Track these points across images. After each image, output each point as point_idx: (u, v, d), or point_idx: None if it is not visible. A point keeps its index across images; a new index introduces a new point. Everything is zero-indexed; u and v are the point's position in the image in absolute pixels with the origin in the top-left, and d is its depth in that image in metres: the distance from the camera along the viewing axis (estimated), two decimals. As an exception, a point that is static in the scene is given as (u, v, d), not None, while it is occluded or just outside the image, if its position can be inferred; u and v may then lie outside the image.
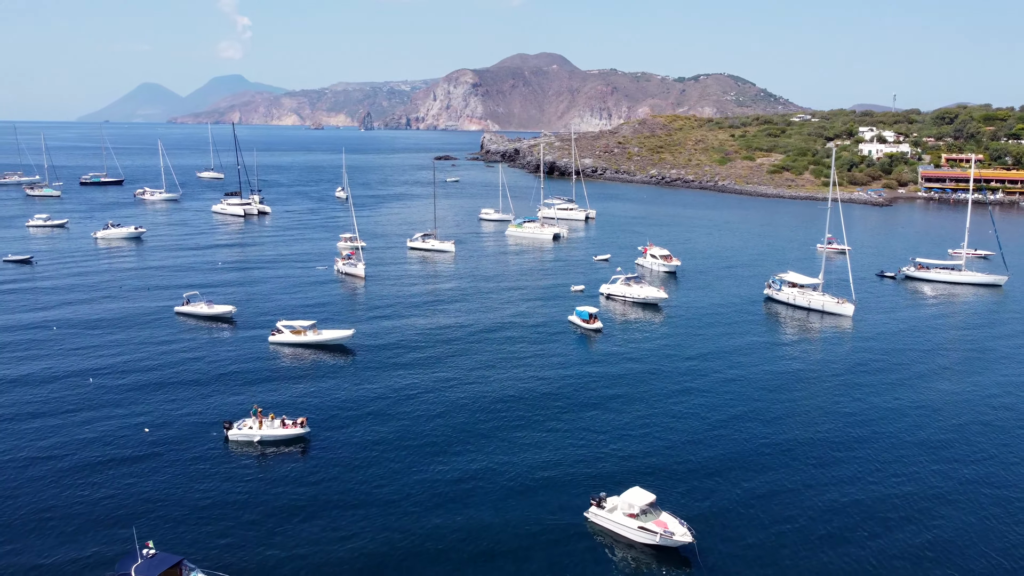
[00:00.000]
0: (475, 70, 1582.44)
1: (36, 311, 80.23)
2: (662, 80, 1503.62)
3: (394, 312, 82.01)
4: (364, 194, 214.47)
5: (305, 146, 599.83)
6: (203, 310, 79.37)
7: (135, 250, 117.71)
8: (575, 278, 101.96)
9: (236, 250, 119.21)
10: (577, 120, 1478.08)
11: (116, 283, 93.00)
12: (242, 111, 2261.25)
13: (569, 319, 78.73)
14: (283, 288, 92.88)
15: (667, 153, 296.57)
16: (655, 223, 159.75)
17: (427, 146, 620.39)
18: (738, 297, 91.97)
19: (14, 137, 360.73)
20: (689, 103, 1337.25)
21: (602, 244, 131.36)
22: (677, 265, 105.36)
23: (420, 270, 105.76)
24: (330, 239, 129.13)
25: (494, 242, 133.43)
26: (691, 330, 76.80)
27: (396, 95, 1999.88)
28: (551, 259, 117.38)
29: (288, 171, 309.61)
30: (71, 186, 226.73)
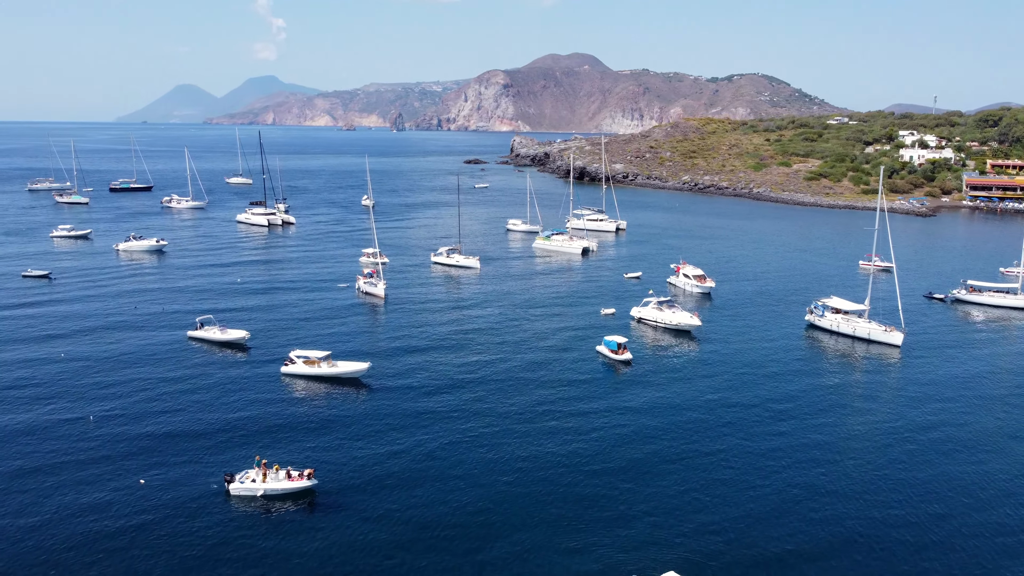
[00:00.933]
0: (506, 71, 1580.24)
1: (46, 336, 77.71)
2: (695, 80, 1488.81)
3: (413, 340, 78.29)
4: (391, 202, 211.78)
5: (336, 149, 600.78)
6: (216, 335, 76.43)
7: (155, 265, 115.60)
8: (605, 299, 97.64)
9: (256, 266, 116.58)
10: (608, 121, 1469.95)
11: (131, 303, 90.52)
12: (276, 112, 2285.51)
13: (597, 349, 74.47)
14: (301, 309, 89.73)
15: (700, 158, 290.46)
16: (687, 235, 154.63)
17: (457, 148, 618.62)
18: (777, 323, 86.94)
19: (48, 140, 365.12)
20: (722, 104, 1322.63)
21: (633, 259, 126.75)
22: (711, 286, 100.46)
23: (443, 290, 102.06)
24: (353, 253, 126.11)
25: (521, 256, 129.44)
26: (727, 365, 71.95)
27: (428, 96, 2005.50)
28: (580, 276, 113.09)
29: (317, 176, 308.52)
30: (100, 192, 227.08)
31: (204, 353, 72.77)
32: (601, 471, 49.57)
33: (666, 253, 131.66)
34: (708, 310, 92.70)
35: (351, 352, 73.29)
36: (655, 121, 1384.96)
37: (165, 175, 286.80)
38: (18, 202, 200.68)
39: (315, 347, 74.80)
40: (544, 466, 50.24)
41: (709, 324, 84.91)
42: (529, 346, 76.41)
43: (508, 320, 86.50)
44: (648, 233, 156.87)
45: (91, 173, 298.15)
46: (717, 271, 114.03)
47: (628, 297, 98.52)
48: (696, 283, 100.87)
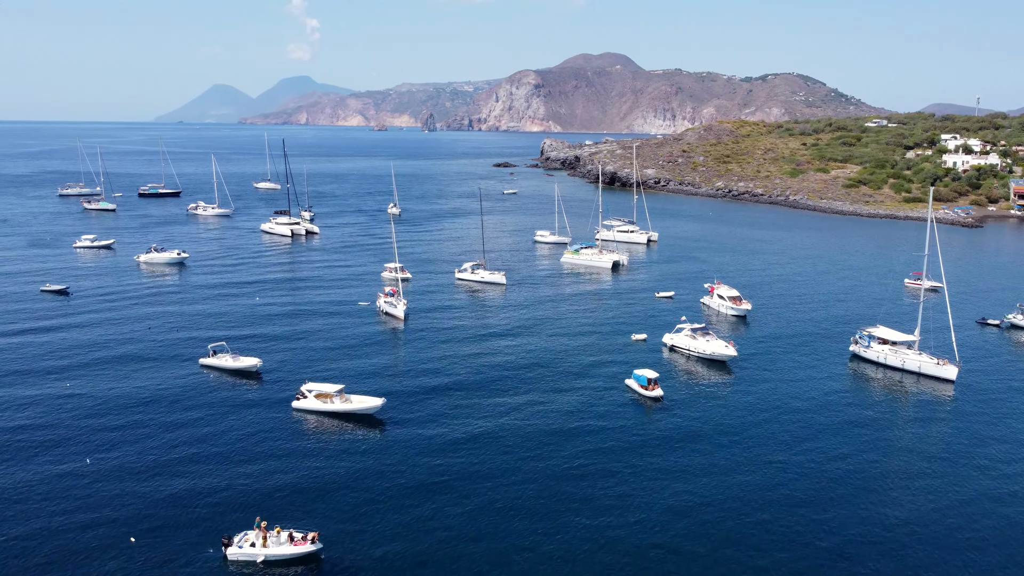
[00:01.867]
0: (537, 71, 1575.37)
1: (53, 367, 75.09)
2: (728, 80, 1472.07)
3: (431, 369, 74.44)
4: (418, 209, 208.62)
5: (366, 150, 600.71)
6: (228, 363, 73.33)
7: (174, 279, 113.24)
8: (636, 321, 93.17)
9: (276, 282, 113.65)
10: (640, 121, 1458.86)
11: (146, 324, 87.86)
12: (309, 112, 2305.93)
13: (626, 382, 70.05)
14: (319, 331, 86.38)
15: (734, 163, 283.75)
16: (721, 247, 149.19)
17: (487, 150, 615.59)
18: (818, 353, 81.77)
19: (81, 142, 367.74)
20: (756, 104, 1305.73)
21: (665, 275, 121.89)
22: (747, 309, 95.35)
23: (466, 310, 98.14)
24: (377, 267, 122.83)
25: (548, 271, 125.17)
26: (767, 407, 66.98)
27: (459, 96, 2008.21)
28: (610, 294, 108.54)
29: (345, 180, 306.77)
30: (129, 198, 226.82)
31: (214, 386, 69.58)
32: (633, 549, 44.87)
33: (699, 269, 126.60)
34: (744, 336, 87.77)
35: (367, 380, 69.83)
36: (687, 121, 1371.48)
37: (194, 179, 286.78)
38: (48, 208, 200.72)
39: (330, 375, 71.59)
40: (569, 526, 46.08)
41: (745, 353, 79.99)
42: (555, 378, 72.14)
43: (533, 346, 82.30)
44: (680, 245, 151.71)
45: (121, 177, 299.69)
46: (753, 290, 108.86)
47: (660, 319, 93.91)
48: (731, 305, 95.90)
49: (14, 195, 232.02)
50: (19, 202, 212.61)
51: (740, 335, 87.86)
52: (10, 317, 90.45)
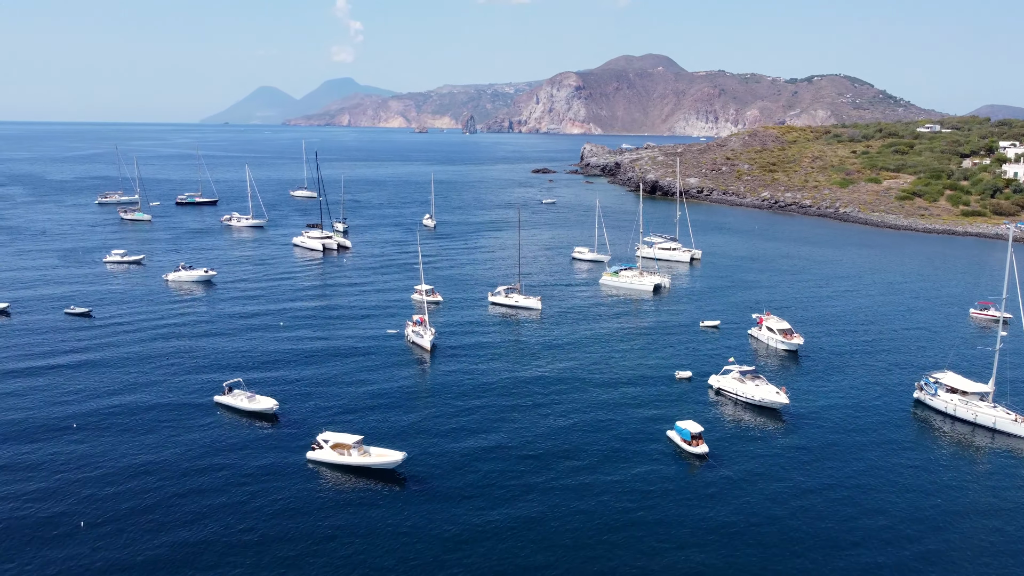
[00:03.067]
0: (578, 72, 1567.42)
1: (63, 405, 71.80)
2: (772, 81, 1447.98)
3: (457, 413, 69.44)
4: (454, 220, 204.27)
5: (404, 155, 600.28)
6: (243, 404, 69.27)
7: (200, 301, 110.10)
8: (679, 355, 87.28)
9: (302, 305, 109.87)
10: (682, 123, 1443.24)
11: (165, 353, 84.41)
12: (351, 113, 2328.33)
13: (668, 434, 64.35)
14: (342, 365, 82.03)
15: (780, 172, 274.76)
16: (769, 266, 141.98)
17: (527, 154, 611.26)
18: (878, 399, 75.01)
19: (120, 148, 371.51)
20: (801, 106, 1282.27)
21: (709, 300, 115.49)
22: (799, 344, 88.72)
23: (498, 339, 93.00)
24: (408, 288, 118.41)
25: (586, 294, 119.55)
26: (825, 468, 60.63)
27: (499, 97, 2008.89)
28: (651, 323, 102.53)
29: (382, 187, 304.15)
30: (167, 207, 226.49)
31: (227, 431, 65.46)
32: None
33: (746, 293, 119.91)
34: (795, 375, 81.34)
35: (388, 425, 65.28)
36: (730, 124, 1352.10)
37: (233, 186, 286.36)
38: (85, 218, 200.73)
39: (349, 419, 67.23)
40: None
41: (797, 397, 73.65)
42: (592, 430, 66.58)
43: (568, 386, 76.86)
44: (725, 265, 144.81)
45: (161, 183, 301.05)
46: (803, 319, 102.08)
47: (705, 353, 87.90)
48: (782, 339, 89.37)
49: (55, 203, 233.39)
50: (59, 211, 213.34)
51: (791, 374, 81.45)
52: (30, 347, 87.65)
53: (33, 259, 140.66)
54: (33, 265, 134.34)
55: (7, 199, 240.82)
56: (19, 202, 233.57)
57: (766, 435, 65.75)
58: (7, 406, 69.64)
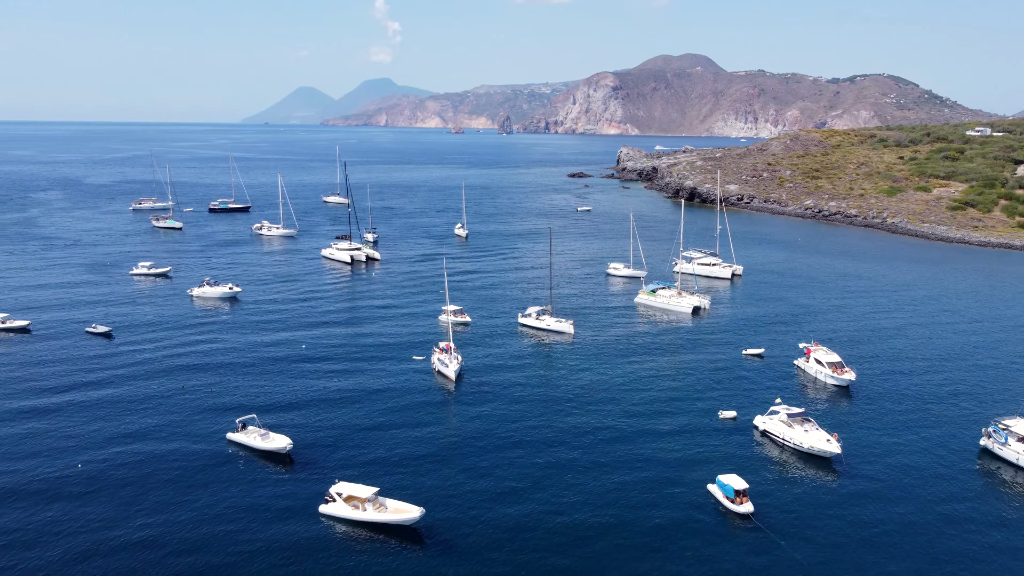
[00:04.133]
0: (615, 72, 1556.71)
1: (71, 440, 68.77)
2: (814, 81, 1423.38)
3: (483, 460, 64.92)
4: (487, 230, 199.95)
5: (440, 156, 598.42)
6: (256, 442, 65.54)
7: (222, 323, 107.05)
8: (721, 389, 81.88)
9: (326, 325, 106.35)
10: (720, 124, 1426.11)
11: (181, 384, 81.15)
12: (388, 114, 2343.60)
13: (709, 488, 59.14)
14: (363, 398, 78.04)
15: (824, 178, 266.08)
16: (813, 285, 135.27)
17: (563, 157, 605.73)
18: (939, 445, 68.84)
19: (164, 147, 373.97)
20: (843, 106, 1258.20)
21: (752, 324, 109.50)
22: (850, 379, 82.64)
23: (527, 368, 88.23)
24: (437, 306, 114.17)
25: (621, 315, 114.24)
26: (881, 531, 55.16)
27: (536, 98, 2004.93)
28: (690, 350, 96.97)
29: (415, 192, 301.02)
30: (199, 214, 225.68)
31: (238, 474, 61.74)
32: None
33: (791, 315, 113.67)
34: (847, 414, 75.45)
35: (407, 468, 61.00)
36: (770, 124, 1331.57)
37: (266, 190, 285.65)
38: (118, 225, 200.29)
39: (366, 459, 63.23)
40: None
41: (851, 445, 67.86)
42: (626, 479, 61.61)
43: (601, 425, 71.87)
44: (768, 282, 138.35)
45: (197, 188, 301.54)
46: (854, 348, 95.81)
47: (750, 387, 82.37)
48: (831, 373, 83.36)
49: (90, 209, 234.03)
50: (93, 218, 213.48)
51: (842, 415, 75.57)
52: (43, 376, 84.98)
53: (62, 271, 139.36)
54: (60, 278, 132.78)
55: (44, 205, 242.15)
56: (55, 208, 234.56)
57: (816, 491, 60.15)
58: (9, 453, 66.73)
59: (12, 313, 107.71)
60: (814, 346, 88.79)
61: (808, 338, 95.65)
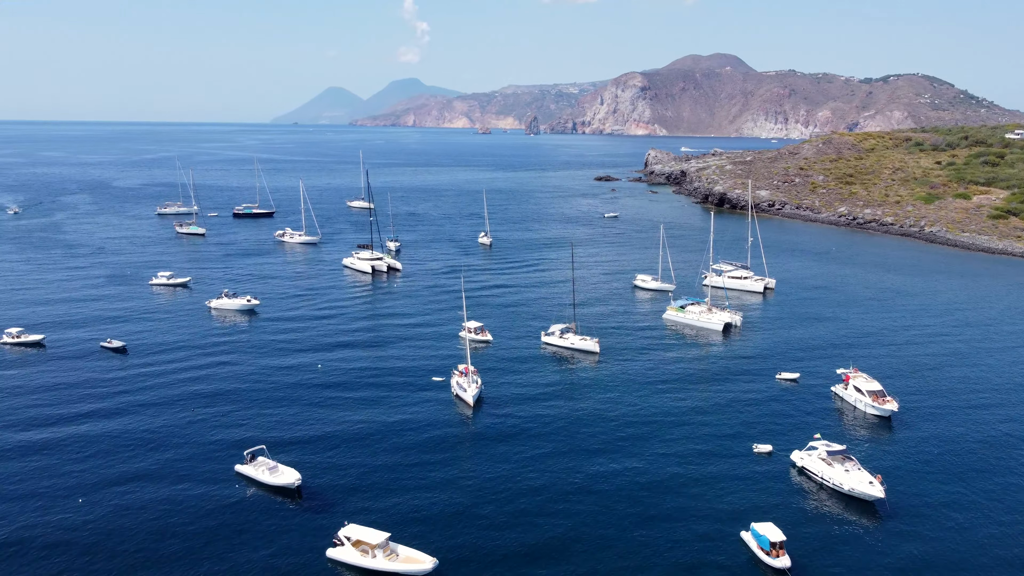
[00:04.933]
0: (643, 72, 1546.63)
1: (75, 470, 66.32)
2: (846, 81, 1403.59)
3: (502, 500, 61.33)
4: (512, 237, 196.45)
5: (465, 159, 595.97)
6: (265, 476, 62.58)
7: (238, 340, 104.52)
8: (755, 418, 77.64)
9: (344, 342, 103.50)
10: (750, 124, 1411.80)
11: (191, 408, 78.58)
12: (416, 114, 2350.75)
13: (743, 536, 55.10)
14: (377, 427, 74.90)
15: (858, 184, 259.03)
16: (849, 299, 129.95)
17: (589, 159, 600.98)
18: (994, 489, 64.06)
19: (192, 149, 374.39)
20: (876, 107, 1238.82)
21: (786, 344, 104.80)
22: (892, 410, 77.89)
23: (550, 397, 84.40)
24: (459, 321, 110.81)
25: (649, 333, 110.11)
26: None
27: (564, 98, 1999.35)
28: (722, 373, 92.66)
29: (441, 197, 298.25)
30: (223, 219, 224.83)
31: (244, 511, 58.78)
32: None
33: (826, 335, 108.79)
34: (891, 451, 70.87)
35: (420, 507, 57.67)
36: (800, 125, 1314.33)
37: (291, 194, 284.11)
38: (142, 231, 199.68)
39: (377, 495, 60.02)
40: None
41: (896, 487, 63.36)
42: (656, 527, 57.79)
43: (628, 465, 67.85)
44: (802, 296, 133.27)
45: (222, 191, 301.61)
46: (895, 372, 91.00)
47: (785, 416, 78.07)
48: (872, 403, 78.72)
49: (116, 213, 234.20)
50: (118, 223, 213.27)
51: (886, 451, 71.00)
52: (52, 397, 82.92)
53: (82, 281, 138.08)
54: (79, 288, 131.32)
55: (71, 209, 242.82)
56: (82, 212, 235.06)
57: (858, 543, 55.81)
58: (7, 493, 64.41)
59: (28, 327, 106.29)
60: (853, 372, 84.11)
61: (846, 363, 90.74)
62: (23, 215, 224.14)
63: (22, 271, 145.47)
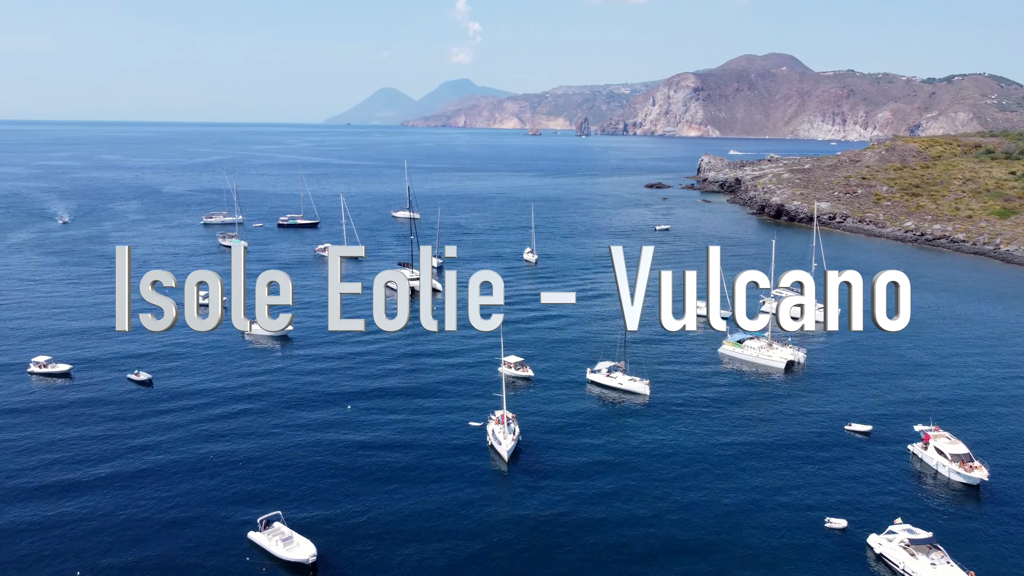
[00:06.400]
0: (697, 73, 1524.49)
1: (77, 534, 61.74)
2: (907, 81, 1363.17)
3: (531, 568, 54.90)
4: (559, 252, 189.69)
5: (514, 163, 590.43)
6: (278, 549, 57.03)
7: (269, 369, 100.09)
8: (824, 481, 69.72)
9: (379, 379, 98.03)
10: (806, 126, 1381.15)
11: (210, 457, 73.79)
12: (467, 115, 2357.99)
13: (816, 648, 47.63)
14: (409, 486, 68.98)
15: (925, 196, 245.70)
16: (922, 332, 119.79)
17: (640, 163, 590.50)
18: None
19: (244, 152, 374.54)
20: (939, 108, 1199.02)
21: (854, 386, 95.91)
22: (981, 478, 69.08)
23: (595, 448, 77.42)
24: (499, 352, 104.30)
25: (703, 370, 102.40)
26: None
27: (615, 99, 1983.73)
28: (785, 423, 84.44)
29: (488, 206, 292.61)
30: (268, 230, 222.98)
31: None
32: None
33: (898, 376, 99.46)
34: (982, 532, 62.30)
35: None
36: (859, 126, 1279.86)
37: (337, 203, 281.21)
38: (185, 243, 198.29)
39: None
40: None
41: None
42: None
43: (680, 530, 60.81)
44: (869, 327, 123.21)
45: (269, 198, 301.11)
46: (982, 428, 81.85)
47: (859, 484, 69.86)
48: (956, 468, 70.02)
49: (163, 223, 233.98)
50: (163, 233, 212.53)
51: (975, 530, 62.49)
52: (67, 441, 78.94)
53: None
54: (114, 311, 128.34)
55: (120, 218, 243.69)
56: (130, 221, 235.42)
57: (955, 654, 47.91)
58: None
59: (58, 352, 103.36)
60: (933, 430, 75.33)
61: (924, 416, 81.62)
62: (72, 225, 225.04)
63: (61, 287, 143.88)
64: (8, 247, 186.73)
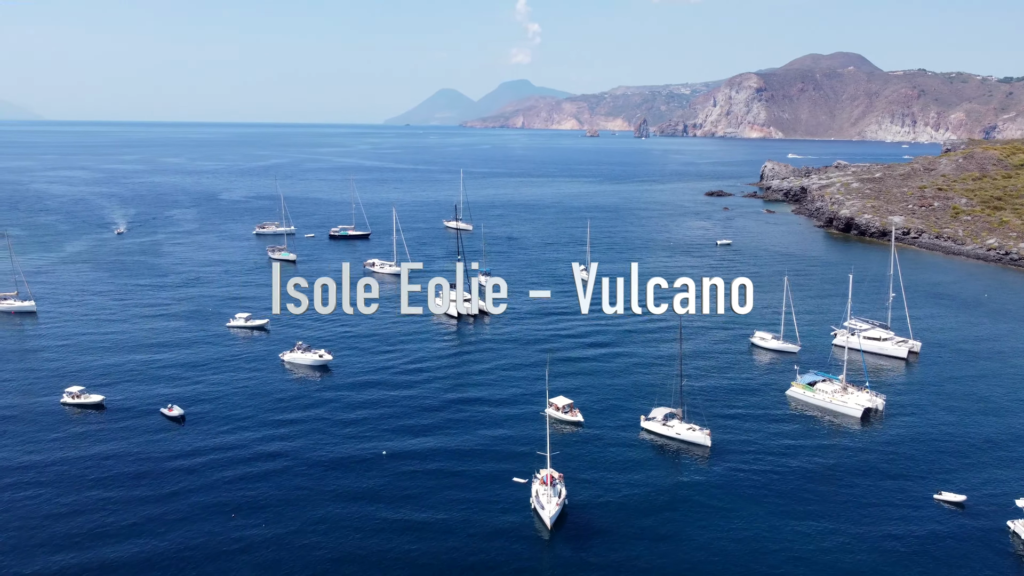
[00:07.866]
0: (759, 73, 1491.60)
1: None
2: (982, 81, 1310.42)
3: None
4: (612, 270, 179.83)
5: (571, 168, 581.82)
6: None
7: (304, 408, 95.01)
8: (913, 563, 61.10)
9: (417, 421, 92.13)
10: (874, 127, 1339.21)
11: (229, 514, 68.71)
12: (525, 115, 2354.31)
13: None
14: (443, 565, 62.78)
15: (1009, 211, 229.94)
16: (1015, 374, 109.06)
17: (701, 168, 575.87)
18: None
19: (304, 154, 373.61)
20: (1017, 108, 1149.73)
21: (944, 440, 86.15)
22: (1104, 571, 59.73)
23: (650, 513, 69.83)
24: (553, 388, 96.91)
25: (770, 417, 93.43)
26: None
27: (675, 99, 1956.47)
28: (866, 489, 75.23)
29: (542, 215, 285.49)
30: (319, 240, 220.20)
31: None
32: None
33: (993, 431, 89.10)
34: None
35: None
36: (930, 128, 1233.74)
37: (390, 211, 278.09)
38: (236, 255, 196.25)
39: None
40: None
41: None
42: None
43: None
44: (956, 365, 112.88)
45: (322, 206, 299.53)
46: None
47: (955, 564, 61.05)
48: (1072, 557, 60.74)
49: (216, 233, 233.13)
50: (215, 245, 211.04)
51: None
52: (82, 505, 75.01)
53: (162, 319, 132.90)
54: (155, 333, 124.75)
55: (174, 227, 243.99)
56: (183, 231, 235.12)
57: None
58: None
59: (93, 380, 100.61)
60: (1041, 506, 65.94)
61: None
62: (127, 234, 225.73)
63: (105, 306, 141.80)
64: (62, 259, 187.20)
